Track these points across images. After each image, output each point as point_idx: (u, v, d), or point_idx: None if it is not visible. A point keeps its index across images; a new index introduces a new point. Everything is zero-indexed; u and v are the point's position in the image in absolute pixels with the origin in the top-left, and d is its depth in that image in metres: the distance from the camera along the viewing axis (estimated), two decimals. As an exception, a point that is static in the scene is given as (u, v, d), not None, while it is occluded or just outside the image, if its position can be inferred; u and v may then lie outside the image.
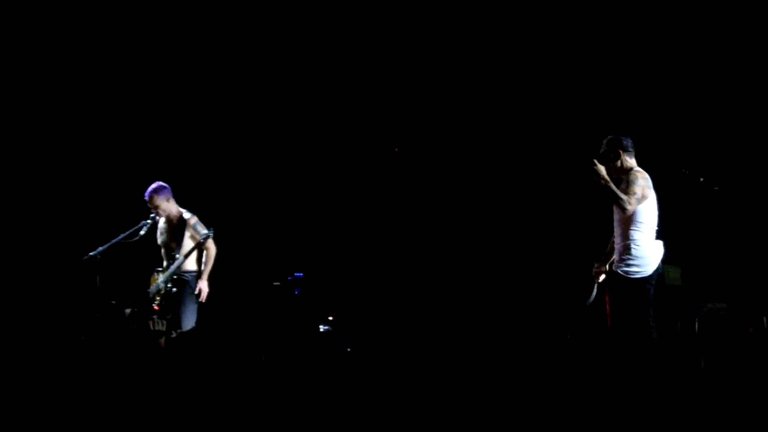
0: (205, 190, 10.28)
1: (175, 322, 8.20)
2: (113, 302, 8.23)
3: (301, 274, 9.21)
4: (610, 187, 6.83)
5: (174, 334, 8.10)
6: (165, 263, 8.44)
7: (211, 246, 8.35)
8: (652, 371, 6.63)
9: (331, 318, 9.22)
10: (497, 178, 10.53)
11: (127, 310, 8.20)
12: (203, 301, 8.37)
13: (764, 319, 8.81)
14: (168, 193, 8.42)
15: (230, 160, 10.68)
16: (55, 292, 9.81)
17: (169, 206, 8.42)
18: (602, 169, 6.87)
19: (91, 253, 8.10)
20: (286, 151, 10.72)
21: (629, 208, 6.81)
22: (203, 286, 8.35)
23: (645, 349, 6.72)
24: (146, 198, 8.39)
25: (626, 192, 6.83)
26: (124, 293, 8.51)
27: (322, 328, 9.24)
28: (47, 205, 10.25)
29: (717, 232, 9.65)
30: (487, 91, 10.40)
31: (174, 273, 8.26)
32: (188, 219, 8.39)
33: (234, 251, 9.83)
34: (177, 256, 8.28)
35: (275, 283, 9.23)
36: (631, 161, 7.06)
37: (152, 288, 8.32)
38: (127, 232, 8.31)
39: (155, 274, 8.43)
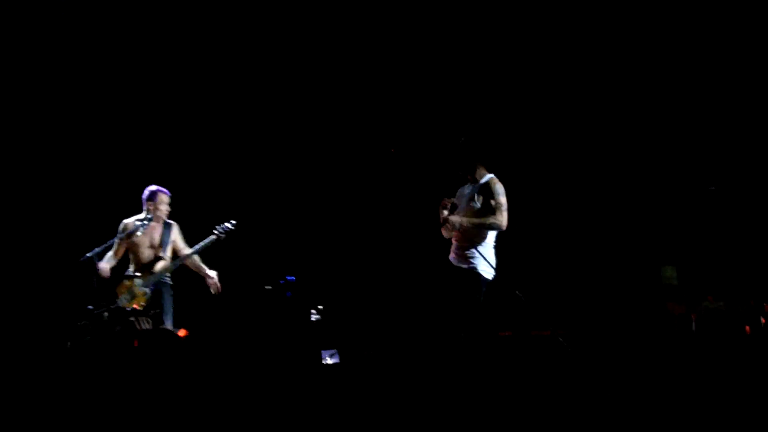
0: (198, 193, 10.28)
1: (158, 319, 8.15)
2: (89, 307, 8.12)
3: (294, 278, 9.17)
4: (475, 224, 6.65)
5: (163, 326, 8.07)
6: (136, 266, 8.27)
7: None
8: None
9: (320, 307, 9.17)
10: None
11: (105, 313, 8.09)
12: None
13: (761, 318, 8.84)
14: (169, 198, 8.38)
15: (223, 164, 10.66)
16: (52, 293, 9.79)
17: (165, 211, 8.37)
18: (455, 220, 6.67)
19: (87, 254, 8.03)
20: (279, 153, 10.70)
21: (504, 225, 6.61)
22: (215, 278, 8.37)
23: (475, 339, 6.64)
24: (158, 197, 8.26)
25: (494, 208, 6.61)
26: (104, 297, 8.37)
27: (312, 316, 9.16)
28: (43, 207, 10.22)
29: (713, 231, 9.67)
30: (481, 93, 10.42)
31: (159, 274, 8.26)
32: (173, 224, 8.39)
33: (226, 255, 9.82)
34: (163, 257, 8.28)
35: (267, 287, 9.19)
36: (484, 169, 6.83)
37: (125, 296, 8.17)
38: (124, 233, 8.26)
39: (126, 280, 8.22)
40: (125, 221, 8.37)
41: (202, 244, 8.26)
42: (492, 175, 6.78)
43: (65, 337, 7.98)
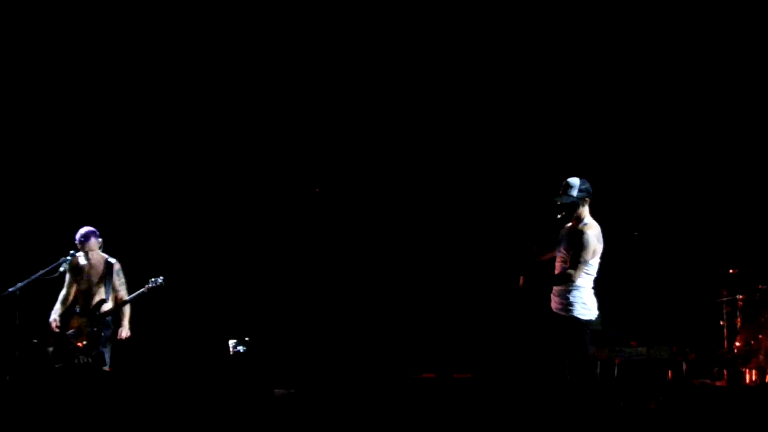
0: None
1: (100, 359, 8.15)
2: (35, 341, 8.14)
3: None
4: (552, 281, 6.83)
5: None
6: (82, 304, 8.41)
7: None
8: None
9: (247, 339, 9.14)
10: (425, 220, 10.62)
11: (50, 348, 8.14)
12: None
13: (683, 364, 8.98)
14: (99, 238, 8.49)
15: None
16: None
17: (98, 251, 8.48)
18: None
19: (10, 290, 8.02)
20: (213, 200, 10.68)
21: (574, 279, 6.74)
22: (127, 331, 8.43)
23: (589, 389, 6.77)
24: (81, 240, 8.41)
25: (575, 259, 6.69)
26: (45, 331, 8.39)
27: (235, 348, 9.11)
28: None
29: (637, 276, 9.80)
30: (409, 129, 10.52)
31: (104, 315, 8.22)
32: (114, 264, 8.43)
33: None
34: (106, 299, 8.30)
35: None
36: (586, 210, 6.87)
37: (75, 331, 8.31)
38: (46, 269, 8.23)
39: (79, 317, 8.37)
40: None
41: (135, 294, 8.40)
42: (588, 221, 6.79)
43: (3, 370, 7.94)
